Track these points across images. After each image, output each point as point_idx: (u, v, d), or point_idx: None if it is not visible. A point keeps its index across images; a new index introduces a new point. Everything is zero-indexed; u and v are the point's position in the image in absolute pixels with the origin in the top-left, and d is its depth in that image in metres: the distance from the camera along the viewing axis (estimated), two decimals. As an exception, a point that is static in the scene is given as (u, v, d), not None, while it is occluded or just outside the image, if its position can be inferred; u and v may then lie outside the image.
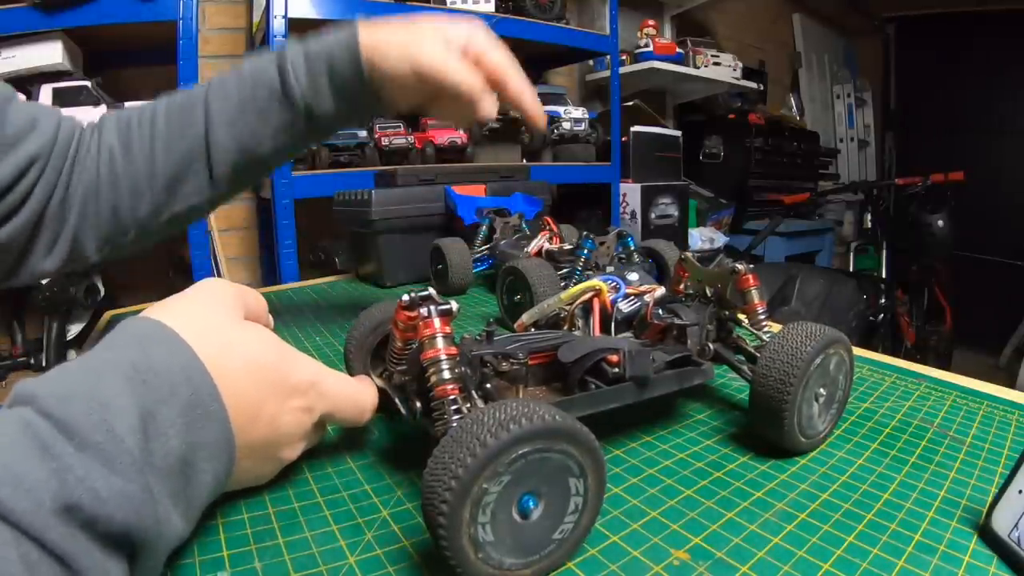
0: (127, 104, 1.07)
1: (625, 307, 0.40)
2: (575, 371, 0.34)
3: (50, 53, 1.03)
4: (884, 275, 2.43)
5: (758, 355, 0.35)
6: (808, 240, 2.50)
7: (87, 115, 1.05)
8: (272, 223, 1.20)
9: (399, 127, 1.40)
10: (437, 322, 0.29)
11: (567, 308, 0.39)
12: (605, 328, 0.39)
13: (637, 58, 2.02)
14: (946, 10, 3.24)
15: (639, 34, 2.03)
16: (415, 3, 1.30)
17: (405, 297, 0.31)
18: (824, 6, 3.29)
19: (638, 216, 1.77)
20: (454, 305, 0.30)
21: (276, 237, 1.18)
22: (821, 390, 0.35)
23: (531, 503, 0.25)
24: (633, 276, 0.42)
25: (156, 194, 0.46)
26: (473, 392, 0.31)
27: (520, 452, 0.23)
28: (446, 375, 0.29)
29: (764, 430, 0.35)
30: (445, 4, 1.37)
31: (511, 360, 0.33)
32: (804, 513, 0.30)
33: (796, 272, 1.86)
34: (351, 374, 0.41)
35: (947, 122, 3.37)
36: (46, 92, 1.02)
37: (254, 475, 0.31)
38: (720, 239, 2.05)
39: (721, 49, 2.25)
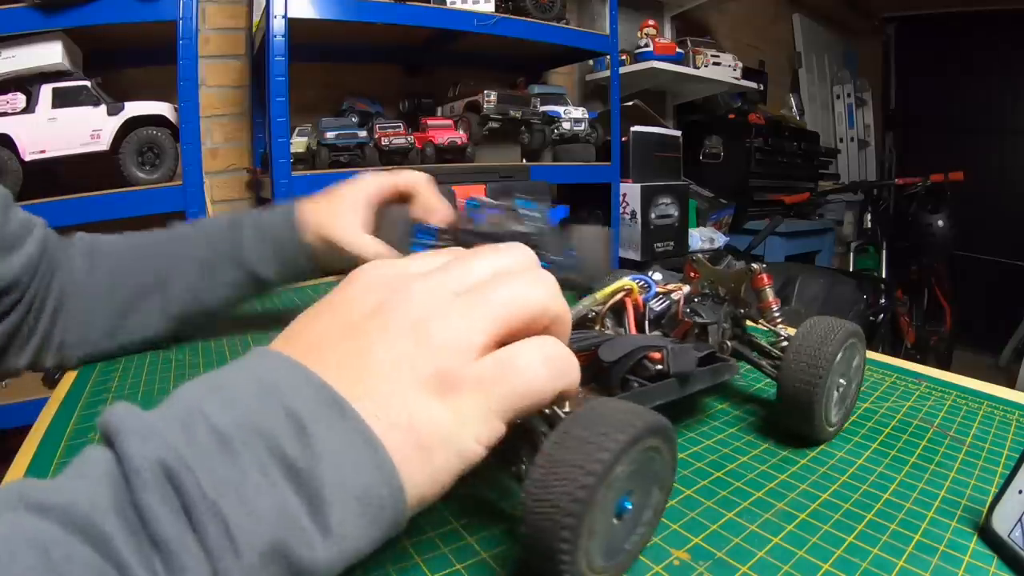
0: (126, 105, 1.07)
1: (656, 306, 0.40)
2: (617, 370, 0.33)
3: (50, 53, 1.03)
4: (884, 275, 2.43)
5: (783, 349, 0.36)
6: (808, 240, 2.50)
7: (87, 115, 1.05)
8: (272, 223, 1.20)
9: (399, 127, 1.40)
10: None
11: (599, 308, 0.39)
12: (638, 327, 0.39)
13: (637, 58, 2.02)
14: (946, 10, 3.25)
15: (639, 34, 2.03)
16: (415, 3, 1.30)
17: None
18: (824, 6, 3.29)
19: (638, 216, 1.77)
20: None
21: (276, 237, 1.18)
22: (841, 380, 0.36)
23: (627, 505, 0.23)
24: (658, 276, 0.43)
25: (109, 318, 0.50)
26: None
27: (648, 444, 0.23)
28: None
29: (793, 422, 0.36)
30: (445, 4, 1.37)
31: None
32: (804, 513, 0.30)
33: (796, 272, 1.86)
34: None
35: (947, 122, 3.37)
36: (46, 92, 1.02)
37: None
38: (720, 239, 2.05)
39: (721, 49, 2.25)
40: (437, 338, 0.21)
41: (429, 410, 0.20)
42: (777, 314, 0.41)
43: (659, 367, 0.33)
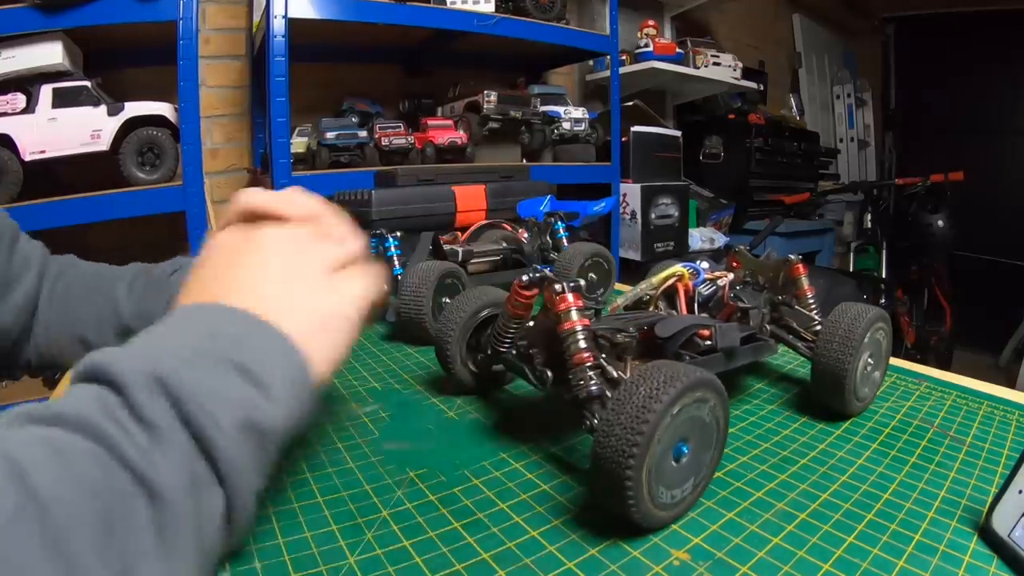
0: (126, 105, 1.07)
1: (704, 291, 0.44)
2: (671, 344, 0.37)
3: (50, 53, 1.03)
4: (884, 275, 2.43)
5: (816, 332, 0.40)
6: (808, 240, 2.49)
7: (87, 115, 1.05)
8: (272, 223, 1.20)
9: (399, 127, 1.40)
10: (571, 297, 0.33)
11: (653, 292, 0.43)
12: (688, 309, 0.43)
13: (637, 58, 2.02)
14: (946, 10, 3.25)
15: (639, 34, 2.03)
16: (415, 3, 1.30)
17: (524, 277, 0.36)
18: (823, 6, 3.29)
19: (638, 216, 1.76)
20: (582, 282, 0.34)
21: (276, 237, 1.18)
22: (869, 359, 0.40)
23: (684, 450, 0.28)
24: (706, 264, 0.47)
25: (68, 345, 0.50)
26: (602, 359, 0.33)
27: (699, 396, 0.28)
28: (583, 344, 0.32)
29: (826, 396, 0.40)
30: (445, 4, 1.37)
31: (624, 333, 0.36)
32: (804, 513, 0.30)
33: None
34: (445, 361, 0.44)
35: (947, 122, 3.37)
36: (46, 92, 1.02)
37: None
38: (720, 239, 2.05)
39: (721, 49, 2.25)
40: (311, 257, 0.30)
41: (322, 300, 0.29)
42: (811, 301, 0.45)
43: (708, 343, 0.37)
